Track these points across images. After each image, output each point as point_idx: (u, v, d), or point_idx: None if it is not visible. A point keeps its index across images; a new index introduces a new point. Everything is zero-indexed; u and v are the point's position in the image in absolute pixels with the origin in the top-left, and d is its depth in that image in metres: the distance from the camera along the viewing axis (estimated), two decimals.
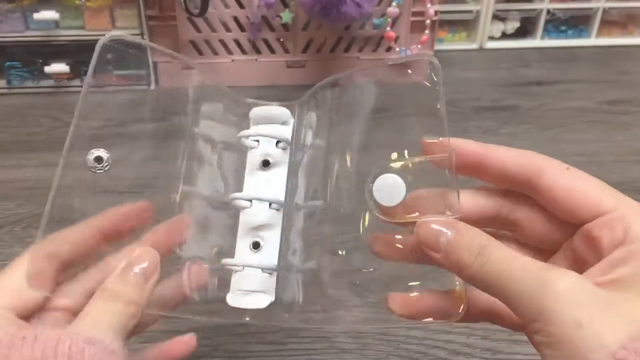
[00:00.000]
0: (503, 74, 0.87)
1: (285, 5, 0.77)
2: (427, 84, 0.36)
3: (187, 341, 0.38)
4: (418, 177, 0.32)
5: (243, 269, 0.33)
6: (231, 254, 0.34)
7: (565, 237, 0.30)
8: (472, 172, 0.32)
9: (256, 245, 0.33)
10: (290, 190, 0.34)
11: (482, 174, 0.32)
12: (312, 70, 0.83)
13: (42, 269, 0.32)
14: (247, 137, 0.35)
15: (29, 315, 0.30)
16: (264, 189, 0.34)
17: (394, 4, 0.77)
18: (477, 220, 0.31)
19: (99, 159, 0.35)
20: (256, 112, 0.37)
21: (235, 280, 0.33)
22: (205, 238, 0.35)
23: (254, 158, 0.34)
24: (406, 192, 0.30)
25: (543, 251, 0.31)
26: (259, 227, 0.33)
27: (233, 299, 0.33)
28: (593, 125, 0.74)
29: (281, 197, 0.34)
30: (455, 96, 0.81)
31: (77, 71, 0.80)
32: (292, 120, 0.36)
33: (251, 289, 0.33)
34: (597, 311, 0.25)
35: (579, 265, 0.29)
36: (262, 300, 0.32)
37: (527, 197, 0.31)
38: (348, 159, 0.37)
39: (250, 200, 0.33)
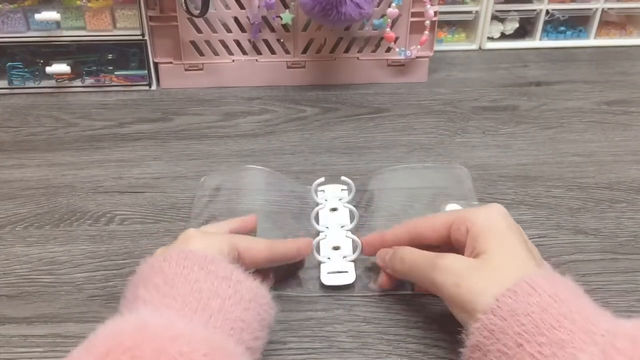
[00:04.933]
0: (502, 75, 0.87)
1: (286, 6, 0.78)
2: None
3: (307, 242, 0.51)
4: None
5: (329, 259, 0.51)
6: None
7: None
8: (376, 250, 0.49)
9: (337, 248, 0.52)
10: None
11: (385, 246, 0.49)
12: (312, 71, 0.83)
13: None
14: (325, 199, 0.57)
15: None
16: (335, 219, 0.55)
17: (393, 4, 0.78)
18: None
19: None
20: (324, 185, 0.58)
21: (323, 267, 0.50)
22: None
23: (325, 207, 0.56)
24: None
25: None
26: (336, 240, 0.53)
27: (326, 279, 0.49)
28: (592, 126, 0.74)
29: (347, 224, 0.54)
30: (455, 96, 0.81)
31: (78, 71, 0.81)
32: (353, 187, 0.56)
33: (338, 270, 0.50)
34: (468, 275, 0.39)
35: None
36: (349, 278, 0.50)
37: None
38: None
39: (327, 227, 0.54)
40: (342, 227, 0.54)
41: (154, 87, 0.82)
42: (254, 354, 0.39)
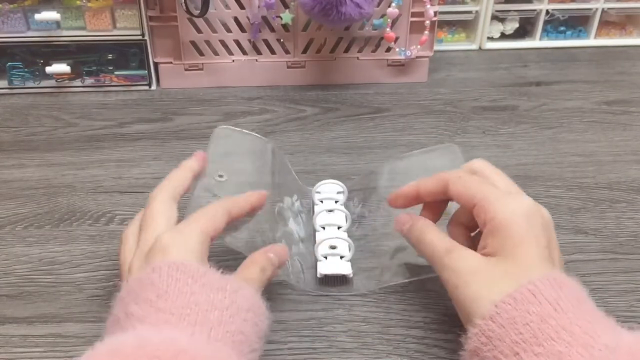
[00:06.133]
0: (502, 75, 0.87)
1: (286, 6, 0.78)
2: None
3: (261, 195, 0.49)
4: None
5: (327, 258, 0.51)
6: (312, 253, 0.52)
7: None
8: (413, 202, 0.48)
9: (333, 247, 0.52)
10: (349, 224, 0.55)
11: (420, 201, 0.48)
12: (312, 71, 0.83)
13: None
14: (321, 200, 0.58)
15: None
16: (332, 220, 0.55)
17: (393, 4, 0.78)
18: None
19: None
20: (320, 186, 0.58)
21: (320, 265, 0.50)
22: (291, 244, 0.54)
23: (320, 208, 0.56)
24: None
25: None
26: (332, 240, 0.52)
27: (323, 269, 0.50)
28: (591, 126, 0.74)
29: (343, 224, 0.54)
30: (455, 96, 0.81)
31: (78, 71, 0.81)
32: (345, 190, 0.58)
33: (334, 268, 0.50)
34: (468, 279, 0.39)
35: None
36: (346, 269, 0.50)
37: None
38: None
39: (324, 227, 0.54)
40: (338, 227, 0.54)
41: (154, 87, 0.82)
42: None
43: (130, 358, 0.31)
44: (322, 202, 0.57)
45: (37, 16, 0.75)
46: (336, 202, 0.57)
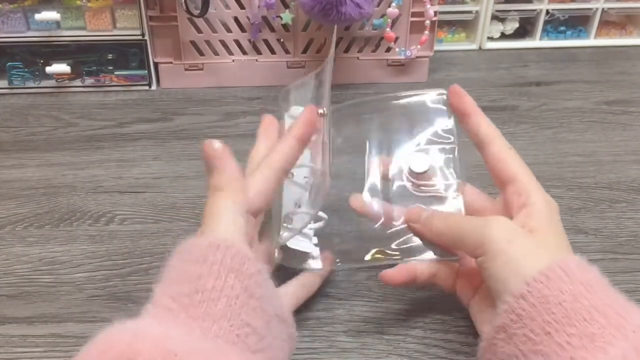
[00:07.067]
0: (502, 75, 0.87)
1: (286, 6, 0.78)
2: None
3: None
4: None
5: (292, 220, 0.46)
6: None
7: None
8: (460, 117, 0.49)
9: (298, 205, 0.47)
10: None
11: (463, 125, 0.49)
12: (312, 71, 0.83)
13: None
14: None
15: None
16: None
17: (393, 4, 0.78)
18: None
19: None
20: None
21: (285, 235, 0.46)
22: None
23: None
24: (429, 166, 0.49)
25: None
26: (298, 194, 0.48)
27: (286, 238, 0.46)
28: (591, 126, 0.74)
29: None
30: None
31: (78, 71, 0.81)
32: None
33: (300, 244, 0.47)
34: (521, 237, 0.39)
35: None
36: (312, 248, 0.47)
37: None
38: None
39: (293, 173, 0.48)
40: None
41: (154, 87, 0.82)
42: (265, 353, 0.36)
43: (121, 355, 0.31)
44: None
45: (37, 16, 0.75)
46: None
